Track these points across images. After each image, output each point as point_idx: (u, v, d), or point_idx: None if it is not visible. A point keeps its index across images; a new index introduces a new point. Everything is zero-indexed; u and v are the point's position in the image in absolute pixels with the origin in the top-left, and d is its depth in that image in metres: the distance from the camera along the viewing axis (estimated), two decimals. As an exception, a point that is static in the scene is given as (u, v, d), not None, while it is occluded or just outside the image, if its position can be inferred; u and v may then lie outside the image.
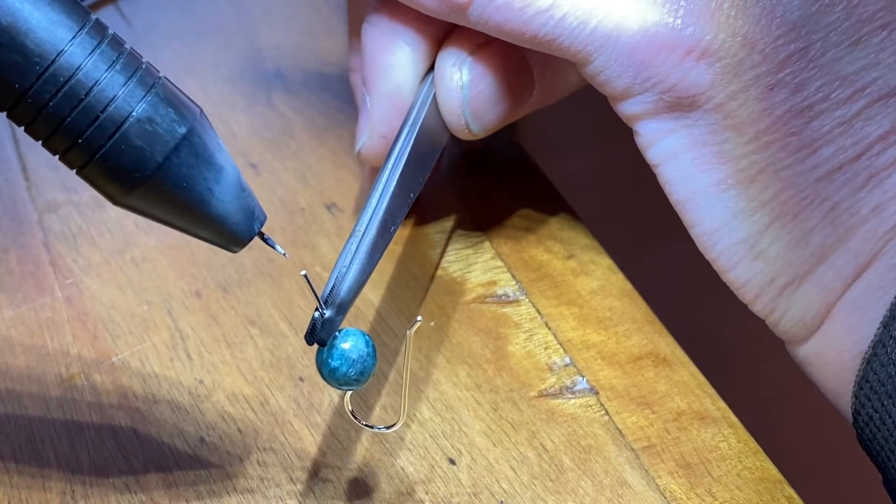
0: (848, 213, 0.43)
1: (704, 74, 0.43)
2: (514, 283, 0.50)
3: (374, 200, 0.44)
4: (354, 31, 0.51)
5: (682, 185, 0.44)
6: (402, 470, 0.44)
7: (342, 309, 0.41)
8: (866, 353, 0.42)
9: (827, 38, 0.42)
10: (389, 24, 0.48)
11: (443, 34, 0.48)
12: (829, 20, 0.42)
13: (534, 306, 0.49)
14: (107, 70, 0.37)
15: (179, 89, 0.38)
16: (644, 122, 0.44)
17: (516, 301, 0.49)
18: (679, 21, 0.43)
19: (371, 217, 0.43)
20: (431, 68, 0.49)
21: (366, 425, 0.43)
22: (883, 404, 0.42)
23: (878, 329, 0.42)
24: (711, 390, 0.46)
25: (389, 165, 0.45)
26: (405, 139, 0.46)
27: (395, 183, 0.45)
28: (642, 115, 0.44)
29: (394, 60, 0.48)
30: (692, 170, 0.44)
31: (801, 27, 0.42)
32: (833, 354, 0.44)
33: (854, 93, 0.43)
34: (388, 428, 0.42)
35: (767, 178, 0.43)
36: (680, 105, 0.44)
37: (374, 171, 0.52)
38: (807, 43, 0.42)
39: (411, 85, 0.48)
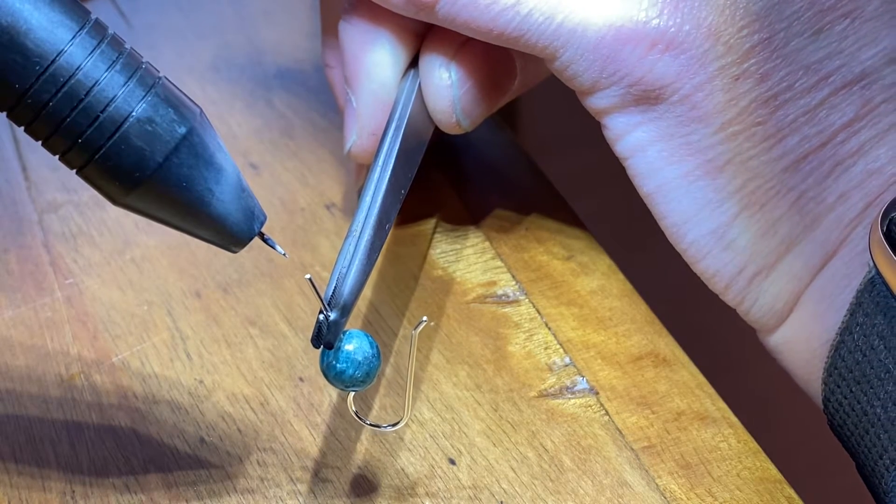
0: (814, 202, 0.43)
1: (670, 66, 0.43)
2: (514, 283, 0.50)
3: (367, 199, 0.44)
4: (329, 28, 0.51)
5: (650, 177, 0.45)
6: (403, 470, 0.44)
7: (346, 310, 0.41)
8: (834, 341, 0.43)
9: (790, 28, 0.43)
10: (367, 23, 0.48)
11: (422, 28, 0.48)
12: (792, 10, 0.43)
13: (534, 306, 0.49)
14: (107, 70, 0.37)
15: (179, 89, 0.38)
16: (612, 116, 0.45)
17: (516, 301, 0.49)
18: (643, 14, 0.43)
19: (366, 216, 0.43)
20: (412, 63, 0.49)
21: (370, 424, 0.42)
22: (851, 390, 0.42)
23: (845, 316, 0.42)
24: (711, 390, 0.46)
25: (379, 164, 0.45)
26: (393, 137, 0.46)
27: (386, 181, 0.45)
28: (610, 109, 0.45)
29: (375, 58, 0.48)
30: (660, 162, 0.44)
31: (765, 17, 0.43)
32: (803, 342, 0.44)
33: (818, 81, 0.43)
34: (392, 426, 0.42)
35: (734, 168, 0.43)
36: (647, 98, 0.44)
37: (362, 168, 0.52)
38: (770, 33, 0.43)
39: (395, 81, 0.48)
